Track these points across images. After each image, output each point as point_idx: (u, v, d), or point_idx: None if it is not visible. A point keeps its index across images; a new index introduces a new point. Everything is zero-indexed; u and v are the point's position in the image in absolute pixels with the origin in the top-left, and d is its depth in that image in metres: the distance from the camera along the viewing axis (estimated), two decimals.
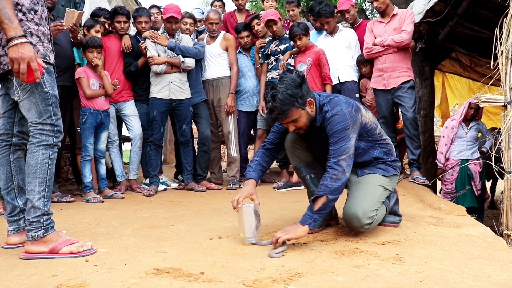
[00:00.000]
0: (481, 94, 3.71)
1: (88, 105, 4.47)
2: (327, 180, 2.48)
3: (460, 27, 6.10)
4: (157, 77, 4.89)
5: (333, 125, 2.56)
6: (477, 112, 5.83)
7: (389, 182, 2.83)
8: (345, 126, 2.55)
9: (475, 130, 5.82)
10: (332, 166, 2.51)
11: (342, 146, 2.53)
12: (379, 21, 4.84)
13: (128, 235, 2.86)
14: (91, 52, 4.43)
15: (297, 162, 2.92)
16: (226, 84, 5.27)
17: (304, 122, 2.62)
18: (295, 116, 2.58)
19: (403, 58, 4.71)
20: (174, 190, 5.15)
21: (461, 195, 5.69)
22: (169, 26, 4.89)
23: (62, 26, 4.14)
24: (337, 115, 2.57)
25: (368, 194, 2.71)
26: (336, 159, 2.51)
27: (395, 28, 4.69)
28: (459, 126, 5.82)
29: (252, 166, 2.89)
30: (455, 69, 8.41)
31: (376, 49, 4.71)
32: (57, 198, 4.29)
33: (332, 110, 2.61)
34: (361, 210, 2.61)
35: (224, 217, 3.42)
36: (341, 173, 2.50)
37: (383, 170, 2.83)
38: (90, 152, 4.50)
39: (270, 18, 5.00)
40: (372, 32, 4.81)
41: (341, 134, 2.54)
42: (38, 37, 2.35)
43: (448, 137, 5.85)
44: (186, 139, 5.06)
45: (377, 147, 2.83)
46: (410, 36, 4.63)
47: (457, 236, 2.72)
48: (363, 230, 2.67)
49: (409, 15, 4.70)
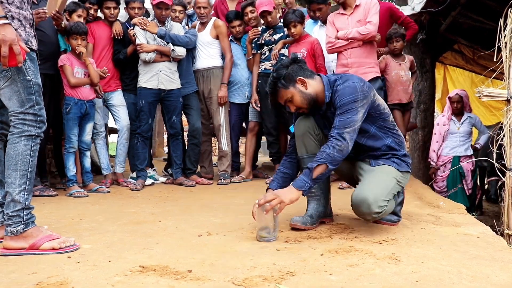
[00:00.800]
0: (483, 88, 3.61)
1: (72, 94, 4.32)
2: (329, 149, 2.48)
3: (463, 17, 5.99)
4: (145, 66, 4.74)
5: (342, 96, 2.56)
6: (462, 105, 5.70)
7: (402, 177, 2.75)
8: (354, 99, 2.54)
9: (468, 124, 5.70)
10: (336, 136, 2.51)
11: (348, 118, 2.52)
12: (341, 13, 4.49)
13: (113, 231, 2.81)
14: (75, 39, 4.27)
15: (303, 151, 2.80)
16: (217, 74, 5.13)
17: (300, 101, 2.65)
18: (287, 96, 2.66)
19: (369, 53, 4.41)
20: (162, 185, 5.05)
21: (452, 193, 5.62)
22: (159, 12, 4.73)
23: (45, 13, 3.99)
24: (348, 88, 2.57)
25: (382, 182, 2.63)
26: (340, 130, 2.51)
27: (359, 19, 4.36)
28: (450, 121, 5.72)
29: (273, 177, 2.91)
30: (457, 61, 8.34)
31: (339, 43, 4.35)
32: (38, 192, 4.16)
33: (343, 83, 2.61)
34: (373, 196, 2.52)
35: (214, 213, 3.35)
36: (344, 146, 2.50)
37: (397, 164, 2.75)
38: (74, 144, 4.36)
39: (265, 9, 4.84)
40: (334, 25, 4.48)
41: (349, 106, 2.53)
42: (19, 21, 2.27)
43: (439, 134, 5.76)
44: (175, 131, 4.92)
45: (390, 135, 2.77)
46: (376, 28, 4.31)
47: (456, 235, 2.65)
48: (370, 219, 2.59)
49: (373, 5, 4.37)
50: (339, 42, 4.35)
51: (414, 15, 5.50)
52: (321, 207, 2.80)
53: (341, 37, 4.33)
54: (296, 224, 2.69)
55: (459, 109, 5.67)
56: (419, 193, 4.20)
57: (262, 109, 5.04)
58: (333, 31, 4.43)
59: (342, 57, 4.40)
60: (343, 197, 3.55)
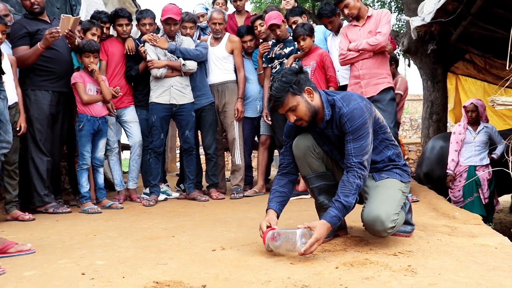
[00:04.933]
0: (496, 96, 3.57)
1: (84, 111, 4.35)
2: (357, 180, 2.50)
3: (474, 27, 5.93)
4: (157, 82, 4.77)
5: (353, 121, 2.53)
6: (477, 114, 5.64)
7: (405, 187, 2.74)
8: (364, 121, 2.53)
9: (484, 134, 5.62)
10: (359, 166, 2.51)
11: (363, 144, 2.52)
12: (354, 24, 4.48)
13: (127, 246, 2.81)
14: (88, 57, 4.31)
15: (308, 171, 2.79)
16: (232, 88, 5.15)
17: (303, 111, 2.57)
18: (292, 103, 2.55)
19: (381, 63, 4.37)
20: (176, 200, 5.04)
21: (469, 203, 5.51)
22: (168, 28, 4.77)
23: (58, 33, 4.05)
24: (356, 110, 2.54)
25: (389, 197, 2.61)
26: (360, 159, 2.51)
27: (371, 30, 4.34)
28: (466, 131, 5.66)
29: (269, 197, 2.82)
30: (469, 71, 8.26)
31: (350, 54, 4.34)
32: (53, 209, 4.19)
33: (348, 105, 2.56)
34: (385, 213, 2.50)
35: (228, 228, 3.33)
36: (366, 174, 2.54)
37: (400, 175, 2.74)
38: (87, 161, 4.38)
39: (274, 22, 4.88)
40: (346, 37, 4.47)
41: (361, 130, 2.52)
42: None
43: (456, 143, 5.67)
44: (189, 146, 4.92)
45: (391, 147, 2.76)
46: (386, 38, 4.27)
47: (472, 246, 2.60)
48: (386, 235, 2.56)
49: (384, 15, 4.35)
50: (351, 53, 4.34)
51: (424, 26, 5.47)
52: None
53: (352, 48, 4.32)
54: None
55: (473, 119, 5.60)
56: (434, 204, 4.15)
57: (274, 123, 5.03)
58: (346, 43, 4.42)
59: (354, 68, 4.38)
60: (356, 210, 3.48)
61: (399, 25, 12.14)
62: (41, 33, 4.13)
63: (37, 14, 4.29)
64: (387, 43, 4.32)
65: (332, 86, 4.66)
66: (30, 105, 4.19)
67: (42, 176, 4.21)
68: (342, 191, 2.49)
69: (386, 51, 4.40)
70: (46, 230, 3.43)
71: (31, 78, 4.23)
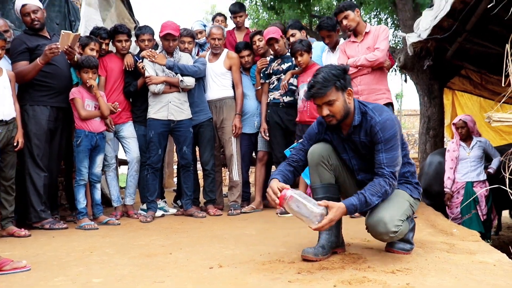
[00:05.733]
0: (492, 113, 3.59)
1: (82, 127, 4.34)
2: (388, 187, 2.56)
3: (469, 43, 5.98)
4: (155, 97, 4.78)
5: (385, 131, 2.59)
6: (467, 129, 5.66)
7: (414, 202, 2.78)
8: (395, 132, 2.60)
9: (478, 148, 5.63)
10: (391, 176, 2.57)
11: (395, 155, 2.59)
12: (352, 40, 4.53)
13: (124, 264, 2.79)
14: (86, 72, 4.32)
15: (317, 181, 2.81)
16: (230, 104, 5.15)
17: (339, 108, 2.61)
18: (333, 97, 2.58)
19: (380, 79, 4.40)
20: (173, 216, 5.01)
21: (467, 219, 5.50)
22: (166, 44, 4.79)
23: (57, 48, 4.06)
24: (388, 121, 2.61)
25: (396, 203, 2.65)
26: (393, 169, 2.58)
27: (369, 46, 4.38)
28: (459, 147, 5.67)
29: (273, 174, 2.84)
30: (465, 86, 8.31)
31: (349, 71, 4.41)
32: (49, 225, 4.16)
33: (381, 115, 2.63)
34: (389, 216, 2.54)
35: (225, 244, 3.31)
36: (395, 184, 2.62)
37: (410, 190, 2.79)
38: (85, 176, 4.37)
39: (272, 36, 4.92)
40: (345, 53, 4.51)
41: (393, 141, 2.59)
42: None
43: (451, 160, 5.68)
44: (187, 162, 4.91)
45: (407, 165, 2.82)
46: (384, 54, 4.31)
47: (471, 263, 2.60)
48: (387, 238, 2.59)
49: (382, 31, 4.39)
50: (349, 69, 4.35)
51: (420, 42, 5.52)
52: (333, 237, 2.77)
53: (350, 64, 4.33)
54: (308, 256, 2.66)
55: (464, 134, 5.63)
56: (432, 220, 4.14)
57: (271, 139, 5.04)
58: (344, 59, 4.44)
59: (352, 84, 4.36)
60: (354, 226, 3.51)
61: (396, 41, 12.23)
62: (41, 48, 4.15)
63: (37, 30, 4.31)
64: (385, 59, 4.35)
65: None
66: (28, 120, 4.19)
67: (39, 191, 4.19)
68: (370, 189, 2.54)
69: (385, 67, 4.42)
70: (42, 246, 3.41)
71: (30, 93, 4.23)
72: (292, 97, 4.92)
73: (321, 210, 2.45)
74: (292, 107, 4.90)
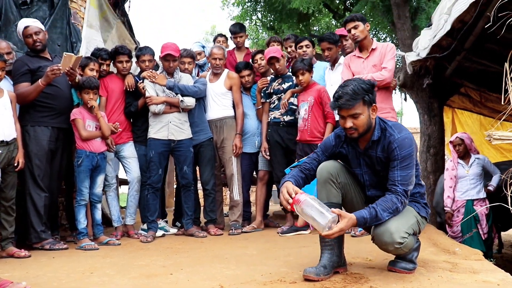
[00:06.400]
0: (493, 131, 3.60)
1: (83, 147, 4.35)
2: (400, 204, 2.59)
3: (468, 61, 6.00)
4: (155, 118, 4.80)
5: (403, 148, 2.62)
6: (464, 147, 5.65)
7: (421, 220, 2.79)
8: (412, 151, 2.63)
9: (477, 166, 5.60)
10: (403, 193, 2.60)
11: (409, 173, 2.62)
12: (357, 56, 4.50)
13: (124, 284, 2.78)
14: (87, 93, 4.35)
15: (323, 198, 2.79)
16: (230, 124, 5.16)
17: (363, 122, 2.64)
18: (359, 111, 2.61)
19: (384, 98, 4.35)
20: (173, 236, 4.98)
21: (468, 238, 5.45)
22: (166, 64, 4.82)
23: (59, 70, 4.10)
24: (407, 139, 2.63)
25: (404, 217, 2.66)
26: (406, 187, 2.61)
27: (375, 64, 4.35)
28: (458, 165, 5.66)
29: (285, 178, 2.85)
30: (465, 104, 8.32)
31: None
32: (49, 246, 4.14)
33: (400, 133, 2.66)
34: (395, 226, 2.56)
35: (226, 265, 3.28)
36: (407, 203, 2.65)
37: (418, 208, 2.81)
38: (85, 197, 4.36)
39: (273, 56, 4.95)
40: (349, 67, 4.47)
41: (409, 160, 2.61)
42: None
43: (450, 179, 5.66)
44: (187, 181, 4.90)
45: (417, 186, 2.82)
46: (391, 74, 4.30)
47: (474, 283, 2.58)
48: (392, 249, 2.59)
49: (389, 50, 4.36)
50: None
51: (420, 61, 5.55)
52: (334, 257, 2.76)
53: None
54: (310, 275, 2.64)
55: (462, 152, 5.62)
56: (434, 239, 4.10)
57: (272, 158, 5.04)
58: (348, 74, 4.42)
59: None
60: (356, 245, 3.49)
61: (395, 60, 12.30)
62: (43, 70, 4.18)
63: (39, 51, 4.35)
64: (392, 78, 4.35)
65: (329, 122, 4.65)
66: (29, 140, 4.20)
67: (40, 212, 4.18)
68: (382, 204, 2.56)
69: (391, 86, 4.42)
70: (42, 267, 3.38)
71: (31, 114, 4.25)
72: (293, 116, 4.94)
73: (333, 217, 2.47)
74: (293, 126, 4.91)
